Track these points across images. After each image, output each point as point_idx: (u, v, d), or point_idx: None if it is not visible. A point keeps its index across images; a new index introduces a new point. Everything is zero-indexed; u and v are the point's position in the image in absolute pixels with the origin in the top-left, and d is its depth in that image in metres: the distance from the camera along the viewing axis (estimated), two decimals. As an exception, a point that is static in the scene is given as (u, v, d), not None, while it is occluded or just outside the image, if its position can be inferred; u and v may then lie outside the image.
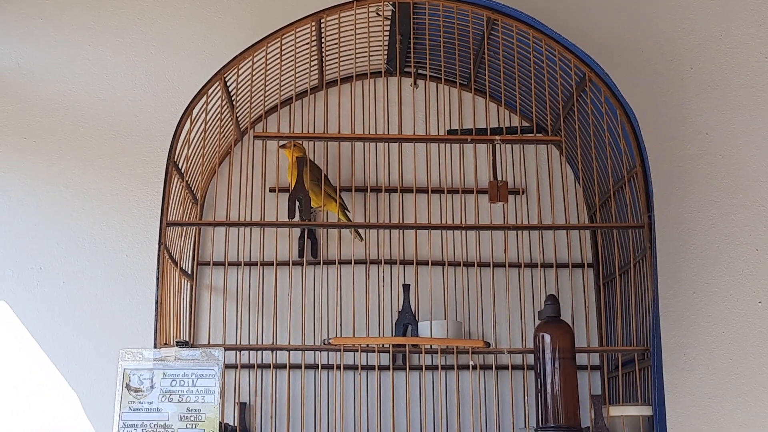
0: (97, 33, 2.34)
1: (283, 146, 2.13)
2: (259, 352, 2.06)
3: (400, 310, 2.09)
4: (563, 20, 2.29)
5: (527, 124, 2.26)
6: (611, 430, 1.82)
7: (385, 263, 2.18)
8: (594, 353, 2.10)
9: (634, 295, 1.92)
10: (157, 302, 1.83)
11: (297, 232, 2.19)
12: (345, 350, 1.95)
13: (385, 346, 1.97)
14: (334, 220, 2.18)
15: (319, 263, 2.19)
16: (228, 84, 2.02)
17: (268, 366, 2.06)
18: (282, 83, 2.11)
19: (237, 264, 2.15)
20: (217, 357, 1.75)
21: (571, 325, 1.84)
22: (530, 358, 2.02)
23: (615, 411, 1.83)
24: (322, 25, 2.04)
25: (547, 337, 1.81)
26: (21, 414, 2.13)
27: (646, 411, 1.80)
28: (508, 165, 2.25)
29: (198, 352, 1.75)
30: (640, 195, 1.88)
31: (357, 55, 2.20)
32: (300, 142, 2.11)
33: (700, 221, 2.26)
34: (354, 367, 2.09)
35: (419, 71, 2.31)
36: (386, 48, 2.19)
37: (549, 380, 1.79)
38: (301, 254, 2.18)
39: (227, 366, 1.91)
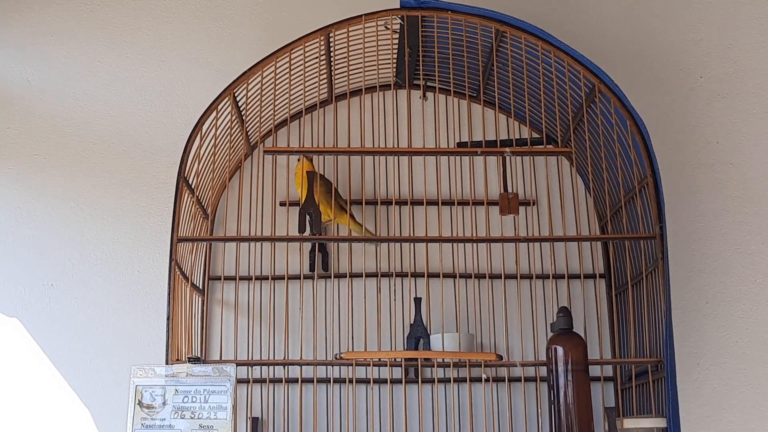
0: (107, 50, 2.35)
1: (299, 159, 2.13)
2: (271, 367, 2.06)
3: (411, 323, 2.08)
4: (572, 31, 2.29)
5: (537, 136, 2.26)
6: (625, 443, 1.82)
7: (397, 276, 2.18)
8: (607, 365, 2.10)
9: (646, 306, 1.91)
10: (168, 318, 1.83)
11: (308, 245, 2.18)
12: (357, 364, 1.94)
13: (397, 359, 1.96)
14: (345, 233, 2.17)
15: (330, 277, 2.19)
16: (237, 99, 2.02)
17: (280, 380, 2.06)
18: (291, 97, 2.11)
19: (248, 279, 2.15)
20: (229, 373, 1.74)
21: (583, 336, 1.84)
22: (543, 371, 2.02)
23: (629, 423, 1.82)
24: (331, 39, 2.05)
25: (560, 350, 1.80)
26: (34, 431, 2.13)
27: (660, 423, 1.79)
28: (518, 177, 2.25)
29: (210, 368, 1.74)
30: (652, 205, 1.87)
31: (366, 69, 2.20)
32: (310, 156, 2.12)
33: (711, 231, 2.25)
34: (366, 381, 2.08)
35: (428, 84, 2.31)
36: (395, 61, 2.19)
37: (562, 393, 1.78)
38: (312, 268, 2.17)
39: (239, 381, 1.91)
